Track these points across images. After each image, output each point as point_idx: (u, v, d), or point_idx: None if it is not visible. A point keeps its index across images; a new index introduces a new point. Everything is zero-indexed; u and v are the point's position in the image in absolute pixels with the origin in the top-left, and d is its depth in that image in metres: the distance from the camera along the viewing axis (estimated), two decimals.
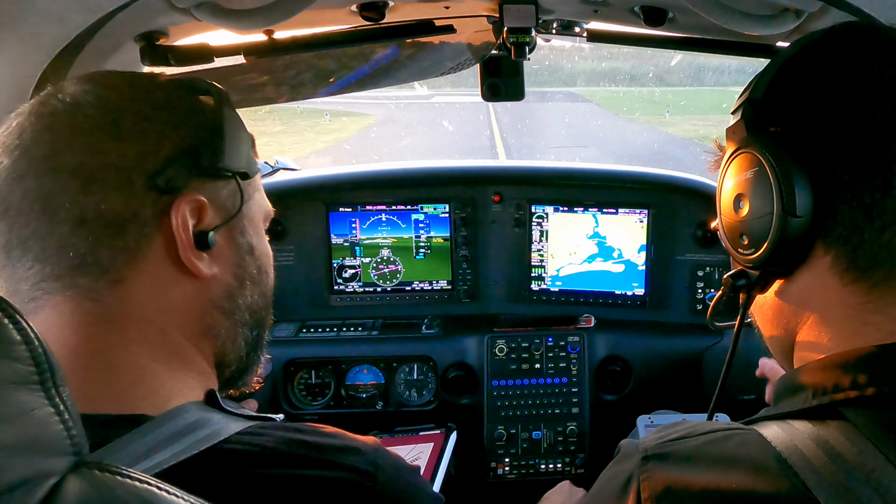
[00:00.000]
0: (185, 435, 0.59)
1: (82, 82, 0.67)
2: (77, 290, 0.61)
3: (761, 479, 0.51)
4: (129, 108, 0.65)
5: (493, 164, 2.38)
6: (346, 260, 2.04)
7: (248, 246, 0.75)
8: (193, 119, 0.69)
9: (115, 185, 0.61)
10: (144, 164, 0.63)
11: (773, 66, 0.64)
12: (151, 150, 0.64)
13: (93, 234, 0.61)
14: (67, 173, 0.60)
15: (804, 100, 0.60)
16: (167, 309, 0.66)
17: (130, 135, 0.63)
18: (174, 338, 0.67)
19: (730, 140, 0.68)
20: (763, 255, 0.62)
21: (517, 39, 1.27)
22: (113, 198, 0.61)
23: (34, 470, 0.40)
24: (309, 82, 1.52)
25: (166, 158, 0.64)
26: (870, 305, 0.57)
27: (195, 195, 0.66)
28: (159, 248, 0.65)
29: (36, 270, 0.61)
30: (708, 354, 1.90)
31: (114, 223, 0.62)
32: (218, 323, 0.72)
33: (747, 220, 0.64)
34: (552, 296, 2.04)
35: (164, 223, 0.64)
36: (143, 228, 0.63)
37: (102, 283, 0.62)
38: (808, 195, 0.58)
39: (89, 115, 0.63)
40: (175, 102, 0.69)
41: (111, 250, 0.62)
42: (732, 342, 0.76)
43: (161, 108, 0.67)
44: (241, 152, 0.72)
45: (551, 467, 1.90)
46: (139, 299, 0.64)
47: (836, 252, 0.58)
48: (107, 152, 0.62)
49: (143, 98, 0.67)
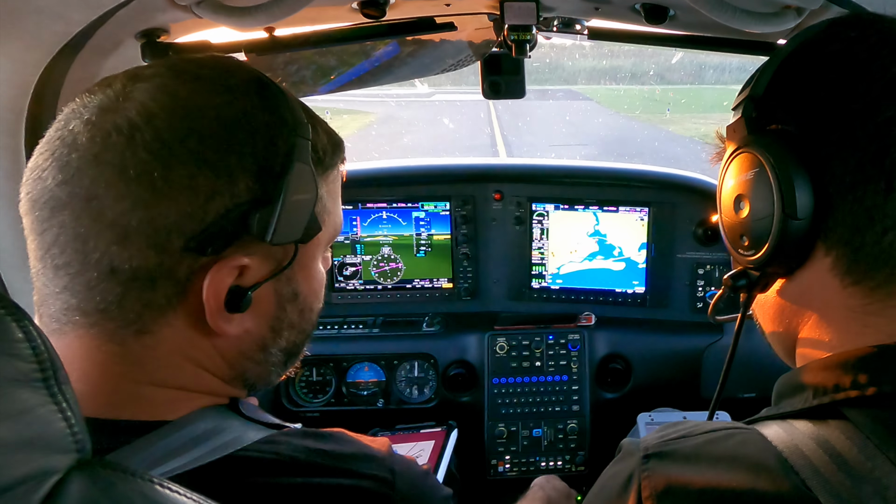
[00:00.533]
0: (202, 441, 0.59)
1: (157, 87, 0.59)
2: (102, 331, 0.58)
3: (762, 479, 0.51)
4: (188, 149, 0.57)
5: (493, 162, 2.38)
6: (347, 257, 2.04)
7: (291, 294, 0.68)
8: (259, 161, 0.59)
9: (150, 243, 0.56)
10: (187, 226, 0.57)
11: (774, 62, 0.63)
12: (198, 210, 0.57)
13: (122, 285, 0.57)
14: (105, 223, 0.55)
15: (805, 98, 0.59)
16: (195, 358, 0.63)
17: (179, 190, 0.56)
18: (205, 376, 0.64)
19: (730, 138, 0.67)
20: (763, 256, 0.61)
21: (518, 37, 1.27)
22: (147, 255, 0.56)
23: (37, 467, 0.40)
24: (310, 79, 1.52)
25: (212, 222, 0.57)
26: (871, 307, 0.57)
27: (239, 258, 0.60)
28: (190, 306, 0.60)
29: (65, 298, 0.58)
30: (708, 352, 1.91)
31: (145, 279, 0.57)
32: (249, 370, 0.68)
33: (747, 222, 0.63)
34: (553, 294, 2.04)
35: (198, 282, 0.59)
36: (176, 286, 0.58)
37: (129, 332, 0.59)
38: (808, 197, 0.57)
39: (140, 157, 0.55)
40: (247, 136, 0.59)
41: (139, 304, 0.58)
42: (733, 341, 0.76)
43: (226, 146, 0.58)
44: (302, 213, 0.63)
45: (552, 465, 1.90)
46: (168, 348, 0.61)
47: (838, 254, 0.58)
48: (149, 208, 0.55)
49: (210, 127, 0.58)
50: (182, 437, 0.58)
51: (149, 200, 0.55)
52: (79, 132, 0.57)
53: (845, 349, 0.57)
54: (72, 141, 0.57)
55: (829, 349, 0.59)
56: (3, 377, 0.40)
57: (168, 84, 0.59)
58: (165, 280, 0.57)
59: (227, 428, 0.62)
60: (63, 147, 0.57)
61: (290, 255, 0.65)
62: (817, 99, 0.58)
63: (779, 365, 0.65)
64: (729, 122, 0.69)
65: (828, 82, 0.58)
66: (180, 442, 0.58)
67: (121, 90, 0.59)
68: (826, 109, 0.57)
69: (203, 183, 0.56)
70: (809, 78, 0.60)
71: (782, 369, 0.66)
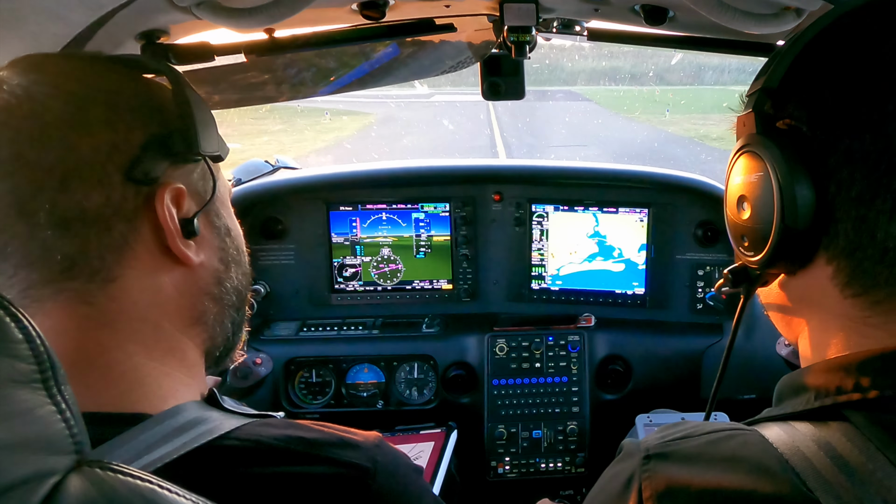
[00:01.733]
0: (184, 431, 0.59)
1: (26, 71, 0.63)
2: (69, 294, 0.60)
3: (762, 480, 0.51)
4: (91, 97, 0.62)
5: (493, 163, 2.38)
6: (347, 259, 2.04)
7: (225, 228, 0.74)
8: (157, 103, 0.67)
9: (92, 181, 0.60)
10: (119, 157, 0.61)
11: (793, 51, 0.59)
12: (123, 141, 0.62)
13: (78, 234, 0.59)
14: (42, 172, 0.58)
15: (819, 98, 0.56)
16: (159, 303, 0.66)
17: (99, 127, 0.61)
18: (167, 331, 0.67)
19: (740, 131, 0.64)
20: (762, 260, 0.61)
21: (517, 38, 1.27)
22: (93, 194, 0.59)
23: (36, 468, 0.40)
24: (309, 81, 1.52)
25: (139, 148, 0.63)
26: (871, 320, 0.56)
27: (173, 183, 0.65)
28: (147, 241, 0.64)
29: (21, 277, 0.59)
30: (708, 354, 1.90)
31: (98, 220, 0.60)
32: (208, 309, 0.72)
33: (748, 224, 0.63)
34: (552, 295, 2.04)
35: (147, 215, 0.63)
36: (128, 223, 0.62)
37: (94, 284, 0.61)
38: (811, 207, 0.55)
39: (50, 108, 0.60)
40: (135, 87, 0.67)
41: (99, 249, 0.61)
42: (730, 338, 0.76)
43: (122, 95, 0.65)
44: (211, 134, 0.71)
45: (552, 466, 1.90)
46: (132, 296, 0.63)
47: (839, 265, 0.56)
48: (78, 147, 0.59)
49: (100, 85, 0.64)
50: (164, 428, 0.58)
51: (75, 139, 0.59)
52: None
53: (847, 353, 0.57)
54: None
55: (830, 353, 0.59)
56: (3, 378, 0.40)
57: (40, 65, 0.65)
58: (117, 218, 0.61)
59: (207, 418, 0.62)
60: None
61: (212, 186, 0.71)
62: (832, 101, 0.55)
63: (778, 366, 0.65)
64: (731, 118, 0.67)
65: (843, 86, 0.55)
66: (163, 433, 0.58)
67: None
68: (839, 115, 0.55)
69: (116, 118, 0.62)
70: (826, 76, 0.56)
71: (782, 370, 0.67)
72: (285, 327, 1.99)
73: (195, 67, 1.14)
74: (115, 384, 0.61)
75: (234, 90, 1.43)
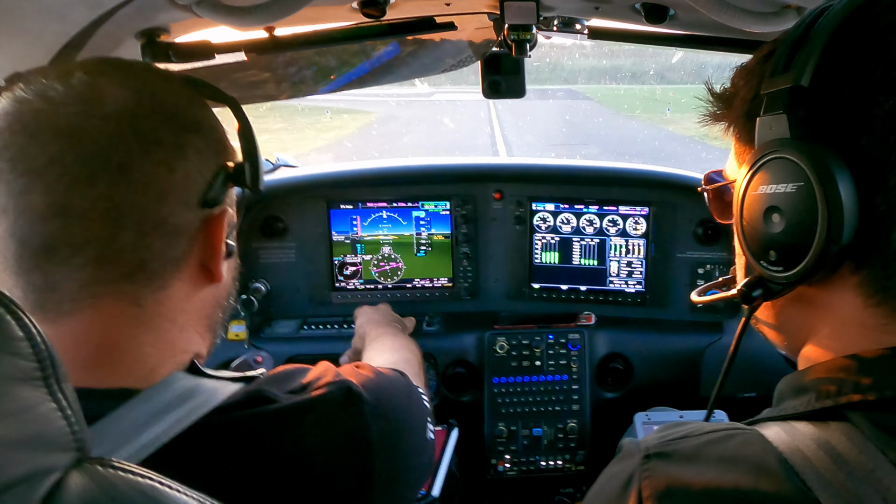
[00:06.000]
0: (178, 405, 0.61)
1: (126, 76, 0.67)
2: (125, 295, 0.64)
3: (763, 480, 0.51)
4: (188, 125, 0.68)
5: (493, 162, 2.38)
6: (348, 257, 2.04)
7: (234, 249, 0.79)
8: (222, 133, 0.74)
9: (179, 200, 0.65)
10: (201, 182, 0.68)
11: (817, 43, 0.54)
12: (206, 168, 0.68)
13: (154, 243, 0.64)
14: (143, 185, 0.62)
15: (856, 94, 0.52)
16: (188, 310, 0.71)
17: (193, 154, 0.67)
18: (188, 333, 0.72)
19: (763, 134, 0.58)
20: (793, 276, 0.57)
21: (518, 36, 1.27)
22: (178, 211, 0.65)
23: (37, 466, 0.40)
24: (310, 79, 1.52)
25: (213, 176, 0.69)
26: (889, 327, 0.55)
27: (227, 209, 0.72)
28: (195, 258, 0.69)
29: (88, 273, 0.61)
30: (708, 352, 1.91)
31: (172, 234, 0.66)
32: (219, 320, 0.78)
33: (780, 238, 0.57)
34: (553, 293, 2.04)
35: (202, 235, 0.69)
36: (190, 240, 0.68)
37: (148, 290, 0.65)
38: (856, 220, 0.52)
39: (155, 128, 0.65)
40: (210, 116, 0.73)
41: (164, 259, 0.66)
42: (734, 345, 0.73)
43: (205, 124, 0.71)
44: (262, 169, 0.78)
45: (552, 464, 1.90)
46: (173, 304, 0.68)
47: (867, 275, 0.54)
48: (176, 170, 0.65)
49: (193, 113, 0.70)
50: (158, 403, 0.61)
51: (174, 163, 0.65)
52: (74, 117, 0.61)
53: (849, 353, 0.56)
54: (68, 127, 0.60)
55: (835, 356, 0.58)
56: (3, 375, 0.40)
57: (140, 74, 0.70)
58: (184, 234, 0.67)
59: (198, 388, 0.65)
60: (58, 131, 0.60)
61: (236, 211, 0.76)
62: (869, 96, 0.51)
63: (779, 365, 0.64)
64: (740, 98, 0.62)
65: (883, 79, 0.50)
66: (157, 408, 0.60)
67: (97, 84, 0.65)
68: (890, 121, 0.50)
69: (203, 147, 0.68)
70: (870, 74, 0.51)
71: (782, 369, 0.66)
72: (286, 325, 1.99)
73: (196, 66, 1.14)
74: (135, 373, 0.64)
75: (235, 88, 1.43)
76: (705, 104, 0.67)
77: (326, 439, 0.69)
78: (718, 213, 0.77)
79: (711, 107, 0.67)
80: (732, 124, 0.66)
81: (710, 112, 0.67)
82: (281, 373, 0.74)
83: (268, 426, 0.65)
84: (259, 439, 0.64)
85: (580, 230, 1.99)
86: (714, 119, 0.67)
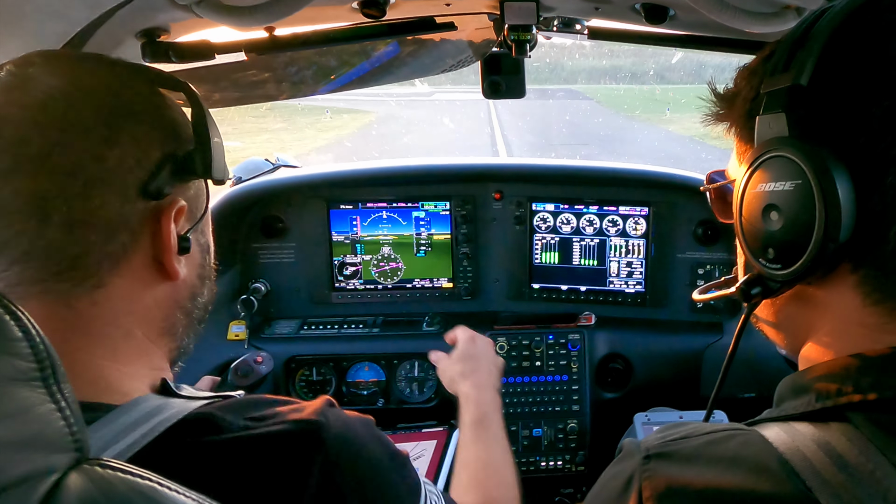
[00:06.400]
0: (150, 418, 0.59)
1: (58, 71, 0.63)
2: (54, 295, 0.60)
3: (763, 480, 0.51)
4: (121, 110, 0.64)
5: (493, 162, 2.38)
6: (347, 257, 2.04)
7: (207, 245, 0.75)
8: (173, 120, 0.69)
9: (112, 190, 0.61)
10: (139, 171, 0.63)
11: (819, 39, 0.54)
12: (144, 157, 0.64)
13: (85, 238, 0.60)
14: (66, 176, 0.59)
15: (855, 93, 0.52)
16: (135, 311, 0.67)
17: (126, 141, 0.63)
18: (137, 339, 0.67)
19: (762, 133, 0.59)
20: (791, 274, 0.57)
21: (518, 37, 1.27)
22: (109, 202, 0.61)
23: (36, 466, 0.40)
24: (310, 79, 1.52)
25: (156, 165, 0.64)
26: (889, 326, 0.55)
27: (178, 200, 0.67)
28: (142, 253, 0.65)
29: (14, 273, 0.59)
30: (708, 352, 1.90)
31: (106, 228, 0.61)
32: (179, 322, 0.73)
33: (778, 236, 0.57)
34: (553, 293, 2.04)
35: (148, 228, 0.65)
36: (131, 234, 0.63)
37: (81, 289, 0.61)
38: (854, 218, 0.52)
39: (84, 115, 0.61)
40: (157, 102, 0.68)
41: (100, 255, 0.61)
42: (733, 343, 0.73)
43: (147, 110, 0.66)
44: (221, 158, 0.73)
45: (552, 465, 1.90)
46: (113, 304, 0.64)
47: (866, 273, 0.54)
48: (105, 159, 0.61)
49: (130, 98, 0.66)
50: (131, 416, 0.59)
51: (104, 150, 0.61)
52: None
53: (849, 353, 0.56)
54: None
55: (835, 356, 0.58)
56: (2, 376, 0.40)
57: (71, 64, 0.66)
58: (122, 228, 0.62)
59: (169, 405, 0.62)
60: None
61: (204, 204, 0.72)
62: (870, 95, 0.51)
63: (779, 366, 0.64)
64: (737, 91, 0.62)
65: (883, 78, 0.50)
66: (130, 420, 0.58)
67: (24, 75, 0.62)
68: (889, 121, 0.50)
69: (141, 133, 0.64)
70: (868, 74, 0.52)
71: (782, 370, 0.66)
72: (286, 325, 1.99)
73: (196, 65, 1.14)
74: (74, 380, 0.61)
75: (235, 88, 1.43)
76: (708, 104, 0.67)
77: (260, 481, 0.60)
78: (720, 212, 0.77)
79: (714, 106, 0.67)
80: (734, 124, 0.66)
81: (713, 112, 0.67)
82: (251, 399, 0.68)
83: (204, 457, 0.59)
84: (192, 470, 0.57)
85: (580, 230, 1.99)
86: (717, 119, 0.67)
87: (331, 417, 0.67)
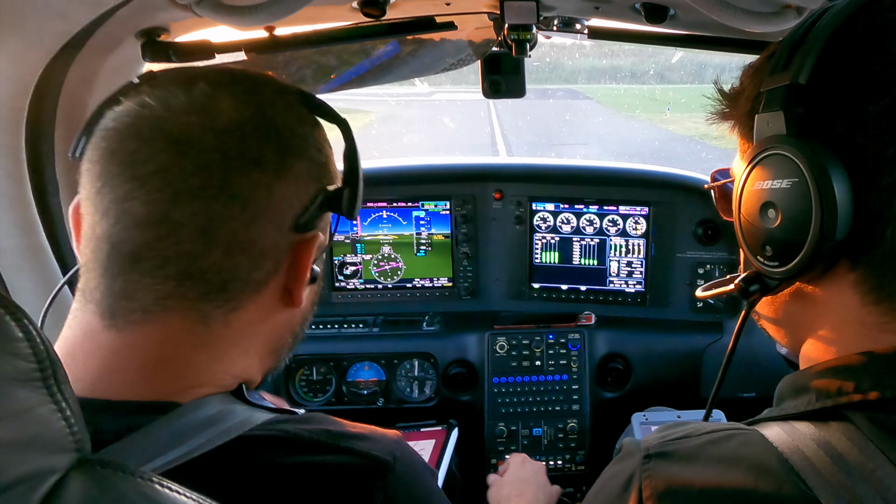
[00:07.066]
0: (210, 425, 0.60)
1: (241, 90, 0.64)
2: (196, 314, 0.62)
3: (763, 479, 0.51)
4: (291, 143, 0.65)
5: (493, 162, 2.38)
6: (347, 257, 2.04)
7: (319, 274, 0.75)
8: (329, 156, 0.70)
9: (272, 221, 0.63)
10: (298, 205, 0.65)
11: (820, 39, 0.54)
12: (304, 192, 0.65)
13: (239, 265, 0.62)
14: (238, 204, 0.60)
15: (853, 92, 0.52)
16: (257, 333, 0.68)
17: (293, 179, 0.64)
18: (249, 356, 0.69)
19: (761, 130, 0.59)
20: (788, 272, 0.57)
21: (518, 36, 1.27)
22: (267, 233, 0.63)
23: (36, 467, 0.40)
24: (310, 78, 1.52)
25: (310, 200, 0.66)
26: (888, 326, 0.55)
27: (318, 235, 0.68)
28: (278, 281, 0.66)
29: (168, 287, 0.60)
30: (708, 352, 1.91)
31: (259, 257, 0.63)
32: (286, 344, 0.75)
33: (775, 233, 0.58)
34: (553, 293, 2.04)
35: (289, 258, 0.66)
36: (275, 263, 0.65)
37: (221, 310, 0.63)
38: (850, 216, 0.52)
39: (262, 147, 0.62)
40: (317, 136, 0.69)
41: (245, 281, 0.63)
42: (732, 342, 0.73)
43: (311, 146, 0.67)
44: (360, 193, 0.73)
45: (552, 464, 1.90)
46: (242, 327, 0.65)
47: (864, 272, 0.54)
48: (273, 192, 0.62)
49: (300, 132, 0.66)
50: (190, 421, 0.59)
51: (274, 184, 0.63)
52: (189, 126, 0.60)
53: (848, 352, 0.56)
54: (181, 135, 0.59)
55: (835, 356, 0.58)
56: (3, 376, 0.40)
57: (248, 87, 0.66)
58: (270, 256, 0.64)
59: (232, 412, 0.62)
60: (170, 143, 0.59)
61: (329, 235, 0.73)
62: (868, 96, 0.51)
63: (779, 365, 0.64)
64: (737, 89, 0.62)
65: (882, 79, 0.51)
66: (190, 426, 0.58)
67: (210, 94, 0.63)
68: (885, 120, 0.50)
69: (304, 171, 0.66)
70: (866, 73, 0.52)
71: (782, 370, 0.66)
72: None
73: (196, 65, 1.14)
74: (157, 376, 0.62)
75: None
76: (713, 102, 0.68)
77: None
78: (723, 210, 0.78)
79: (719, 105, 0.68)
80: (737, 122, 0.67)
81: (718, 110, 0.68)
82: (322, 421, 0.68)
83: (265, 477, 0.60)
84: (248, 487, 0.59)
85: (580, 230, 1.99)
86: (721, 117, 0.68)
87: (400, 456, 0.68)
